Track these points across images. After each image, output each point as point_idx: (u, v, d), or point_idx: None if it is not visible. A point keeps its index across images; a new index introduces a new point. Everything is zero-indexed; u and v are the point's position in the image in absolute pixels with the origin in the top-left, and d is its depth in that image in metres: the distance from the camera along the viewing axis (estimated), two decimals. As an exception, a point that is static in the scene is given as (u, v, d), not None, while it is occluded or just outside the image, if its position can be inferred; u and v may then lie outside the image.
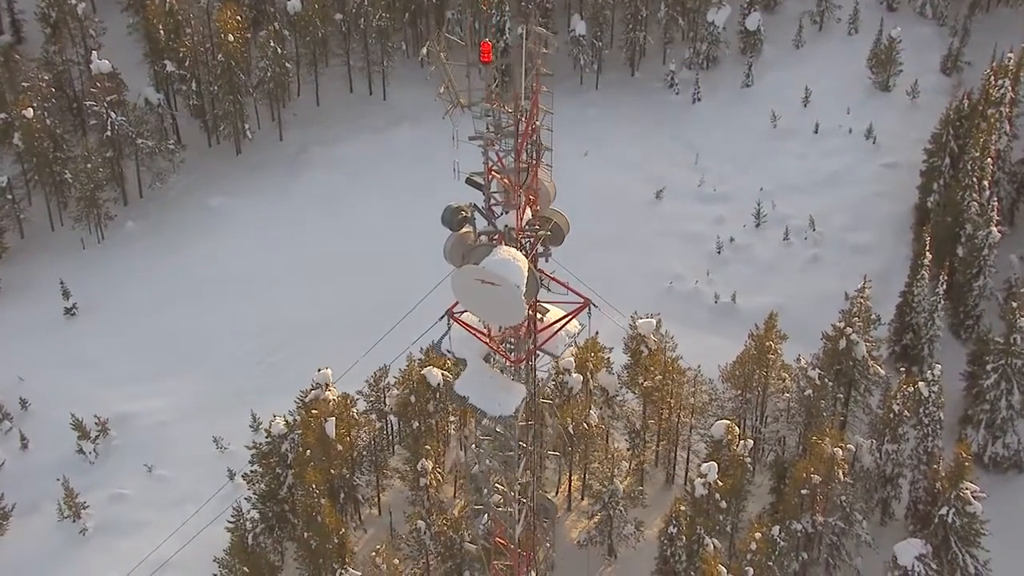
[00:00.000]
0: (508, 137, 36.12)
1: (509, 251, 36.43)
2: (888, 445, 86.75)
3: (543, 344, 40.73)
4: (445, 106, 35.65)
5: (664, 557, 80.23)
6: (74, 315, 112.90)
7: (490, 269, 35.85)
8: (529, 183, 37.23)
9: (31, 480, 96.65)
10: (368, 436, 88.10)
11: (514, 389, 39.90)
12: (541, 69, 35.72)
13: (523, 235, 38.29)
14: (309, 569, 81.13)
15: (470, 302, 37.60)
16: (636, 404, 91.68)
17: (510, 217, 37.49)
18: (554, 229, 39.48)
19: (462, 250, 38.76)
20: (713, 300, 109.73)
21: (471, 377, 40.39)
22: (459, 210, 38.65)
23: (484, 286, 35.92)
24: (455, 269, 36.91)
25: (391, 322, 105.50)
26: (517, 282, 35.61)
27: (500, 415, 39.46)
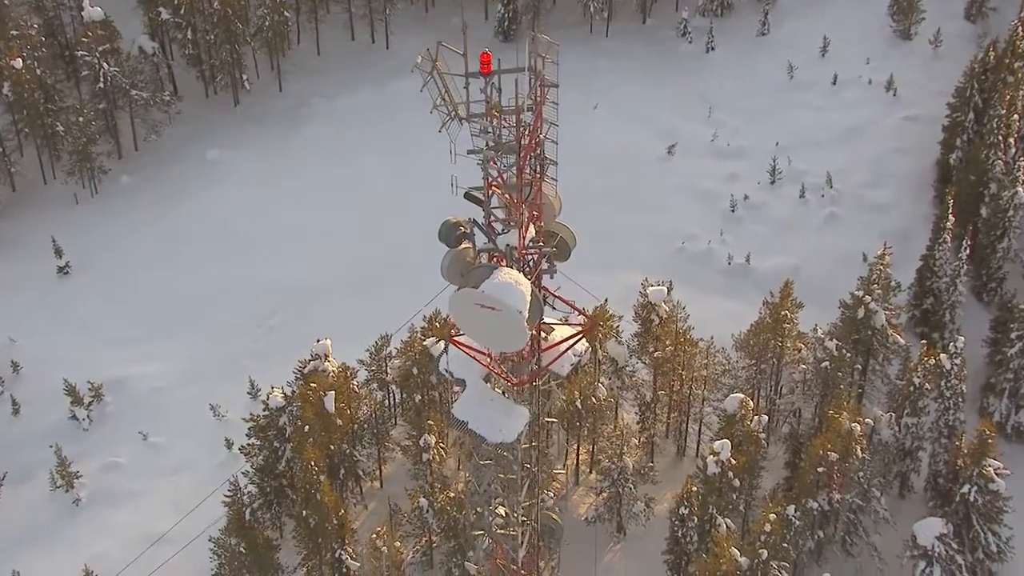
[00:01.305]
0: (509, 153, 32.58)
1: (510, 274, 33.07)
2: (908, 418, 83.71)
3: (548, 365, 37.33)
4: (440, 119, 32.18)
5: (675, 538, 77.27)
6: (67, 274, 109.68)
7: (490, 294, 32.53)
8: (532, 198, 33.67)
9: (23, 447, 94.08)
10: (369, 409, 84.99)
11: (516, 413, 36.65)
12: (546, 79, 32.25)
13: (526, 253, 34.79)
14: (308, 547, 78.50)
15: (469, 326, 34.34)
16: (646, 374, 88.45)
17: (512, 236, 34.00)
18: (560, 244, 36.06)
19: (460, 268, 35.45)
20: (726, 261, 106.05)
21: (471, 400, 37.14)
22: (457, 225, 35.31)
23: (484, 310, 32.57)
24: (453, 292, 33.57)
25: (393, 283, 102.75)
26: (519, 308, 32.33)
27: (501, 441, 36.17)
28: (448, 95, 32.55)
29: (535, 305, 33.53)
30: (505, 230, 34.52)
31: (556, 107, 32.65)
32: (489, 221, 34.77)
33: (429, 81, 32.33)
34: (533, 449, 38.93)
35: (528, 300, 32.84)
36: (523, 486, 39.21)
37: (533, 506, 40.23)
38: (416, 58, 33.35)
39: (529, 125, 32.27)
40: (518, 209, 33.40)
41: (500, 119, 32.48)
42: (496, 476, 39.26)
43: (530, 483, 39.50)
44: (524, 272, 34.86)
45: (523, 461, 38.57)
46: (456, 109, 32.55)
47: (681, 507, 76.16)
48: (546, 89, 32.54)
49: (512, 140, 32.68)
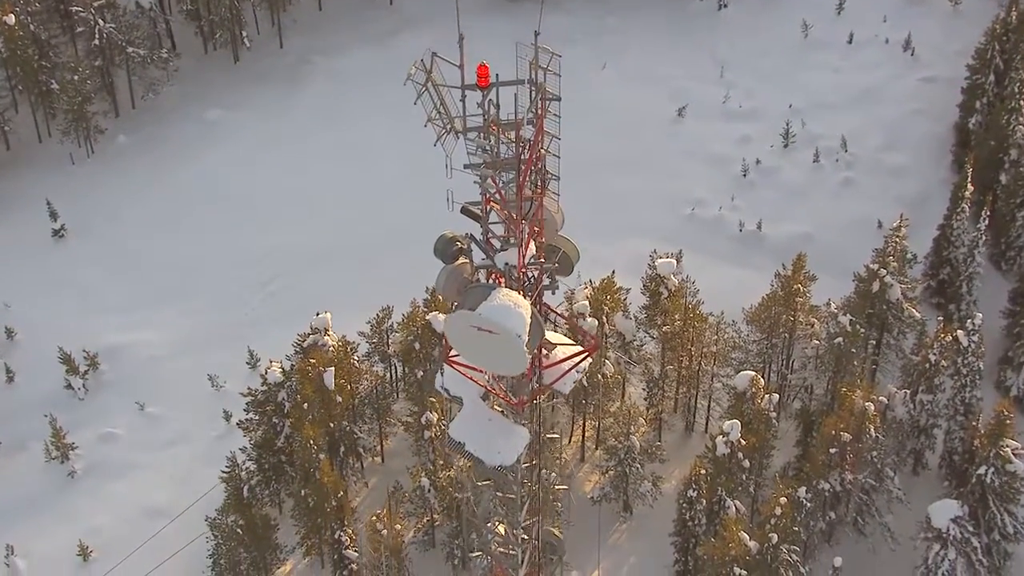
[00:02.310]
0: (508, 169, 30.22)
1: (509, 295, 30.77)
2: (923, 395, 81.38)
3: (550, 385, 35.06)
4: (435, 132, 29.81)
5: (682, 520, 75.16)
6: (62, 237, 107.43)
7: (488, 316, 30.25)
8: (533, 214, 31.27)
9: (17, 416, 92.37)
10: (370, 384, 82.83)
11: (515, 434, 34.43)
12: (548, 92, 29.83)
13: (526, 272, 32.43)
14: (306, 527, 76.67)
15: (465, 348, 32.11)
16: (654, 347, 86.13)
17: (511, 254, 31.64)
18: (562, 260, 33.68)
19: (457, 285, 33.24)
20: (737, 228, 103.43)
21: (468, 419, 34.87)
22: (454, 240, 33.03)
23: (481, 333, 30.29)
24: (448, 315, 31.34)
25: (394, 251, 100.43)
26: (518, 331, 30.09)
27: (499, 465, 33.96)
28: (444, 107, 30.18)
29: (535, 328, 31.20)
30: (503, 248, 32.10)
31: (558, 120, 30.20)
32: (487, 237, 32.39)
33: (423, 93, 29.85)
34: (534, 467, 36.68)
35: (528, 323, 30.54)
36: (523, 505, 37.01)
37: (534, 524, 38.05)
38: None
39: (530, 140, 29.82)
40: (517, 226, 30.97)
41: (499, 134, 30.07)
42: (495, 495, 37.03)
43: (531, 501, 37.32)
44: (524, 290, 32.50)
45: (523, 479, 36.35)
46: (452, 122, 30.16)
47: (689, 490, 73.98)
48: (547, 102, 30.07)
49: (511, 155, 30.24)
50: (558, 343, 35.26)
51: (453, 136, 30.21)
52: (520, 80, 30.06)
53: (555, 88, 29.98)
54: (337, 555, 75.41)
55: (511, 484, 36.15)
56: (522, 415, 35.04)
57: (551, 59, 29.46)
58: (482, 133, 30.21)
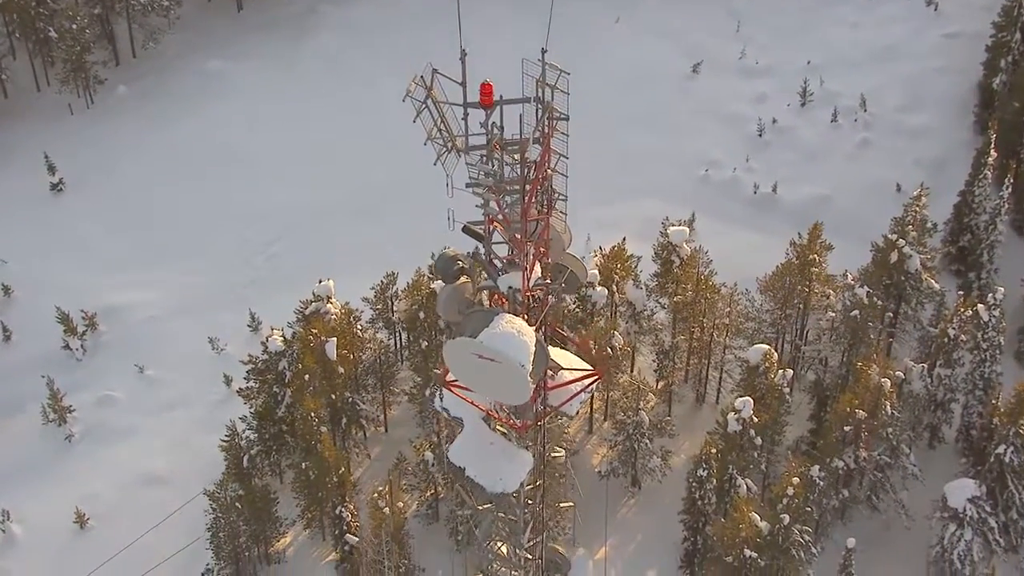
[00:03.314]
0: (512, 192, 27.98)
1: (512, 322, 28.61)
2: (941, 369, 79.35)
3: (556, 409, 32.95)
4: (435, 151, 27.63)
5: (692, 499, 73.22)
6: (61, 191, 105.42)
7: (489, 345, 28.01)
8: (539, 235, 29.08)
9: (15, 376, 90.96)
10: (373, 353, 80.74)
11: (518, 458, 32.34)
12: (555, 111, 27.54)
13: (532, 295, 30.23)
14: (307, 499, 74.98)
15: (465, 375, 30.05)
16: (665, 316, 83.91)
17: (515, 276, 29.39)
18: (569, 279, 31.49)
19: (458, 305, 31.17)
20: (752, 190, 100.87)
21: (468, 442, 32.69)
22: (455, 259, 30.86)
23: (482, 360, 28.13)
24: (447, 341, 29.23)
25: (400, 212, 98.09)
26: (522, 361, 27.97)
27: (502, 491, 31.90)
28: (444, 124, 27.90)
29: (539, 355, 29.06)
30: (505, 271, 29.87)
31: (566, 138, 27.94)
32: (490, 258, 30.15)
33: (423, 111, 27.59)
34: (538, 488, 34.62)
35: (532, 352, 28.39)
36: (527, 527, 34.97)
37: (538, 544, 36.04)
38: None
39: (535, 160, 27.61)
40: (522, 250, 28.72)
41: (503, 156, 27.81)
42: (497, 517, 34.99)
43: (535, 522, 35.28)
44: (528, 313, 30.32)
45: (527, 499, 34.32)
46: (454, 141, 27.87)
47: (699, 468, 71.97)
48: (555, 121, 27.77)
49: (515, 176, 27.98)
50: (565, 364, 33.04)
51: (455, 154, 27.96)
52: (526, 98, 27.75)
53: (563, 106, 27.72)
54: (338, 530, 73.81)
55: (514, 507, 34.11)
56: (526, 438, 32.94)
57: (559, 76, 27.18)
58: (484, 155, 27.90)
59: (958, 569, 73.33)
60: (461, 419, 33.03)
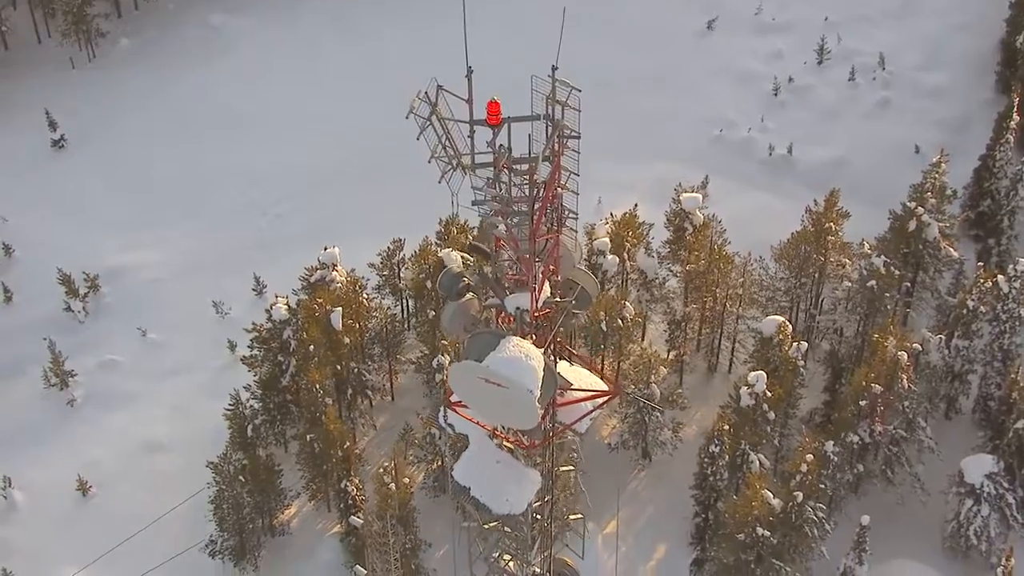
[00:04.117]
0: (521, 215, 26.33)
1: (520, 345, 27.09)
2: (959, 341, 77.54)
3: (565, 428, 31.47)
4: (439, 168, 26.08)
5: (703, 474, 71.75)
6: (62, 147, 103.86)
7: (496, 370, 26.48)
8: (549, 253, 27.54)
9: (16, 338, 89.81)
10: (379, 322, 79.10)
11: (526, 478, 30.90)
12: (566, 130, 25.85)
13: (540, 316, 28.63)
14: (311, 472, 73.66)
15: (471, 399, 28.62)
16: (676, 284, 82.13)
17: (523, 298, 27.77)
18: (580, 296, 29.82)
19: (464, 322, 29.58)
20: (767, 151, 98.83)
21: (474, 460, 31.19)
22: (460, 276, 29.26)
23: (488, 385, 26.65)
24: (452, 365, 27.75)
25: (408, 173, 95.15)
26: (530, 387, 26.54)
27: (509, 513, 30.50)
28: (450, 141, 26.19)
29: (548, 380, 27.54)
30: (513, 291, 28.28)
31: (577, 155, 26.32)
32: (497, 276, 28.53)
33: (427, 128, 25.90)
34: (546, 505, 33.21)
35: (540, 377, 26.88)
36: (534, 543, 33.57)
37: (546, 559, 34.66)
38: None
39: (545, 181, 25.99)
40: (530, 270, 27.11)
41: (511, 177, 26.18)
42: (504, 533, 33.56)
43: (543, 538, 33.90)
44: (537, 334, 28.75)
45: (534, 515, 32.90)
46: (459, 158, 26.23)
47: (711, 444, 70.46)
48: (565, 140, 26.12)
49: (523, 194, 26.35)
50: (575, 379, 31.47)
51: (460, 172, 26.36)
52: (535, 116, 26.08)
53: (574, 123, 26.04)
54: (343, 504, 72.59)
55: (521, 525, 32.69)
56: (534, 455, 31.49)
57: (570, 93, 25.43)
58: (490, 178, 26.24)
59: (974, 545, 72.21)
60: (466, 435, 31.63)
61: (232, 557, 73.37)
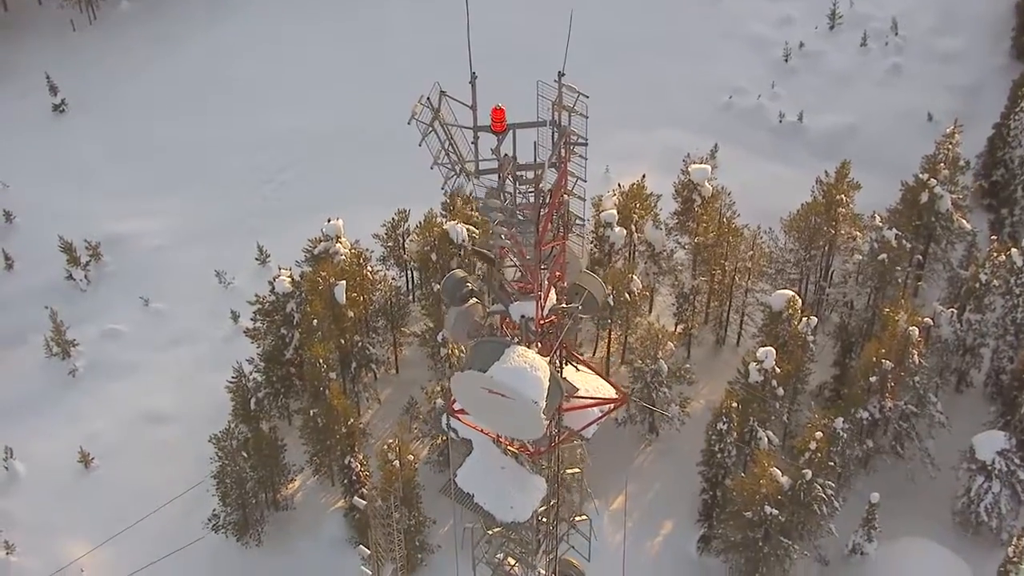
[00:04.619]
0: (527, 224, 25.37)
1: (525, 355, 26.26)
2: (971, 314, 76.43)
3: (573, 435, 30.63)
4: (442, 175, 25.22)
5: (711, 451, 70.80)
6: (63, 112, 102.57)
7: (500, 380, 25.69)
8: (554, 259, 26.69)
9: (17, 306, 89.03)
10: (384, 295, 78.06)
11: (530, 485, 30.10)
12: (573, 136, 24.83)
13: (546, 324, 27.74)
14: (315, 448, 72.83)
15: (474, 408, 27.91)
16: (684, 255, 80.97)
17: (528, 306, 26.87)
18: (587, 300, 28.99)
19: (468, 328, 28.73)
20: (777, 119, 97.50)
21: (478, 466, 30.40)
22: (464, 281, 28.40)
23: (492, 395, 25.83)
24: (455, 374, 26.78)
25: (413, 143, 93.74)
26: (535, 397, 25.76)
27: (513, 521, 29.69)
28: (453, 146, 25.22)
29: (554, 391, 26.72)
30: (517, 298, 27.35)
31: (584, 161, 25.35)
32: (501, 283, 27.63)
33: (429, 134, 24.93)
34: (552, 509, 32.37)
35: (546, 388, 26.04)
36: (539, 547, 32.73)
37: (552, 560, 33.88)
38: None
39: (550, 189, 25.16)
40: (535, 279, 26.22)
41: (515, 187, 25.21)
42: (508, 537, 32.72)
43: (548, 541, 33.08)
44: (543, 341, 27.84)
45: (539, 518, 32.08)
46: (463, 165, 25.30)
47: (719, 422, 69.50)
48: (572, 146, 25.15)
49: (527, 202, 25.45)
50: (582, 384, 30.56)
51: (464, 178, 25.44)
52: (541, 122, 25.08)
53: (581, 129, 25.05)
54: (347, 480, 71.84)
55: (526, 530, 31.87)
56: (539, 462, 30.65)
57: (577, 99, 24.34)
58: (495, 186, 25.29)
59: (984, 522, 71.44)
60: (470, 440, 30.76)
61: (235, 532, 72.67)
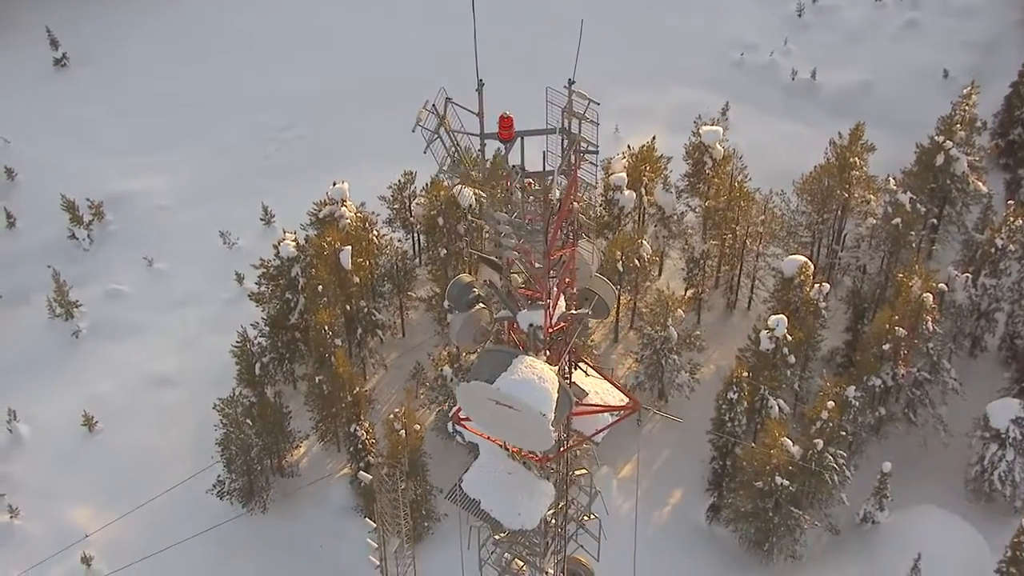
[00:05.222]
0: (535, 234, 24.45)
1: (533, 366, 25.39)
2: (986, 279, 75.20)
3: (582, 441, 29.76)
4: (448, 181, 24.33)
5: (720, 420, 69.80)
6: (64, 67, 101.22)
7: (507, 392, 24.82)
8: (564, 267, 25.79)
9: (19, 265, 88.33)
10: (390, 259, 76.90)
11: (538, 490, 29.25)
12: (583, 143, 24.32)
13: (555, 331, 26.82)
14: (320, 415, 72.00)
15: (480, 418, 27.04)
16: (695, 218, 79.66)
17: (536, 315, 25.91)
18: (597, 305, 28.14)
19: (474, 333, 27.95)
20: (790, 76, 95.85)
21: (484, 471, 29.45)
22: (470, 287, 27.54)
23: (500, 406, 24.97)
24: (461, 384, 25.84)
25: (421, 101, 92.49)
26: (543, 410, 24.92)
27: (520, 528, 28.87)
28: (458, 151, 24.34)
29: (563, 402, 25.81)
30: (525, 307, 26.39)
31: (595, 167, 24.44)
32: (508, 290, 26.66)
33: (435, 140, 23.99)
34: (561, 511, 31.56)
35: (554, 399, 25.17)
36: (547, 551, 31.90)
37: (560, 560, 33.07)
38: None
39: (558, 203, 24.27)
40: (544, 288, 25.28)
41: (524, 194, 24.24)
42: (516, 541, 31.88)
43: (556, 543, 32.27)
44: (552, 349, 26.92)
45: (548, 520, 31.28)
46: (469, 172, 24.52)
47: (730, 391, 68.45)
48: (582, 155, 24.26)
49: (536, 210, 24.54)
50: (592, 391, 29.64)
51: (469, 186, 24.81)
52: (551, 129, 24.17)
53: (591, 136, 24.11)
54: (353, 447, 71.05)
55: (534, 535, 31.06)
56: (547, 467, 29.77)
57: (588, 106, 23.28)
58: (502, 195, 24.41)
59: (998, 490, 70.52)
60: (476, 444, 29.87)
61: (240, 498, 72.06)
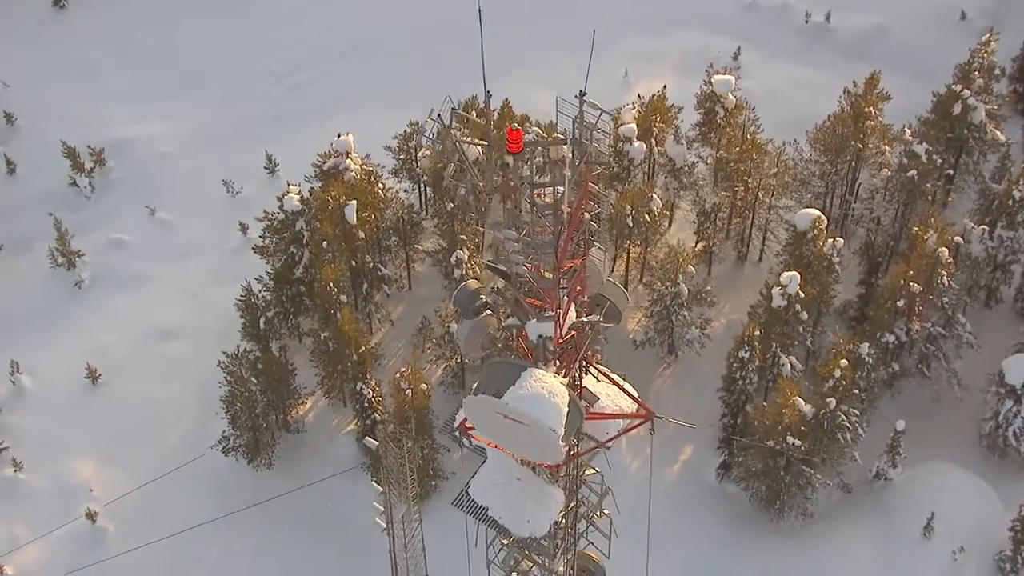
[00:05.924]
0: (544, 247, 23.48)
1: (542, 380, 24.58)
2: (1003, 231, 73.91)
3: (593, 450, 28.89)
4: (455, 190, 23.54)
5: (732, 378, 68.75)
6: (63, 7, 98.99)
7: (516, 407, 23.90)
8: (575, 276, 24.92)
9: (20, 212, 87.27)
10: (396, 213, 75.53)
11: (548, 496, 28.56)
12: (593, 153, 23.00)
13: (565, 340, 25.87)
14: (326, 370, 71.06)
15: (489, 431, 26.23)
16: (706, 169, 78.14)
17: (546, 326, 24.92)
18: (609, 311, 27.22)
19: (482, 340, 27.14)
20: (804, 19, 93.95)
21: (492, 477, 28.65)
22: (477, 294, 26.65)
23: (508, 420, 24.10)
24: (468, 397, 24.85)
25: (427, 48, 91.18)
26: (552, 425, 24.06)
27: (529, 536, 28.12)
28: (466, 160, 23.43)
29: (574, 415, 24.92)
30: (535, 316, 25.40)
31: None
32: (517, 299, 25.67)
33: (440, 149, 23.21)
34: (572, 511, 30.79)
35: (564, 414, 24.32)
36: (557, 552, 31.12)
37: (570, 559, 32.33)
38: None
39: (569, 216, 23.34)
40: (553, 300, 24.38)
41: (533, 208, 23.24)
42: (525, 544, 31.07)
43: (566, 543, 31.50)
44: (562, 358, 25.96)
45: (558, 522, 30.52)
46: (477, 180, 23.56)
47: (741, 350, 67.30)
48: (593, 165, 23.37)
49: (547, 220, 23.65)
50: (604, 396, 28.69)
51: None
52: (561, 139, 23.08)
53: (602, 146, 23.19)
54: (359, 405, 70.20)
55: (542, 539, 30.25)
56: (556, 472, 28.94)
57: (600, 116, 22.20)
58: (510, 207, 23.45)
59: (1012, 446, 69.70)
60: (484, 449, 28.96)
61: (246, 454, 71.35)
